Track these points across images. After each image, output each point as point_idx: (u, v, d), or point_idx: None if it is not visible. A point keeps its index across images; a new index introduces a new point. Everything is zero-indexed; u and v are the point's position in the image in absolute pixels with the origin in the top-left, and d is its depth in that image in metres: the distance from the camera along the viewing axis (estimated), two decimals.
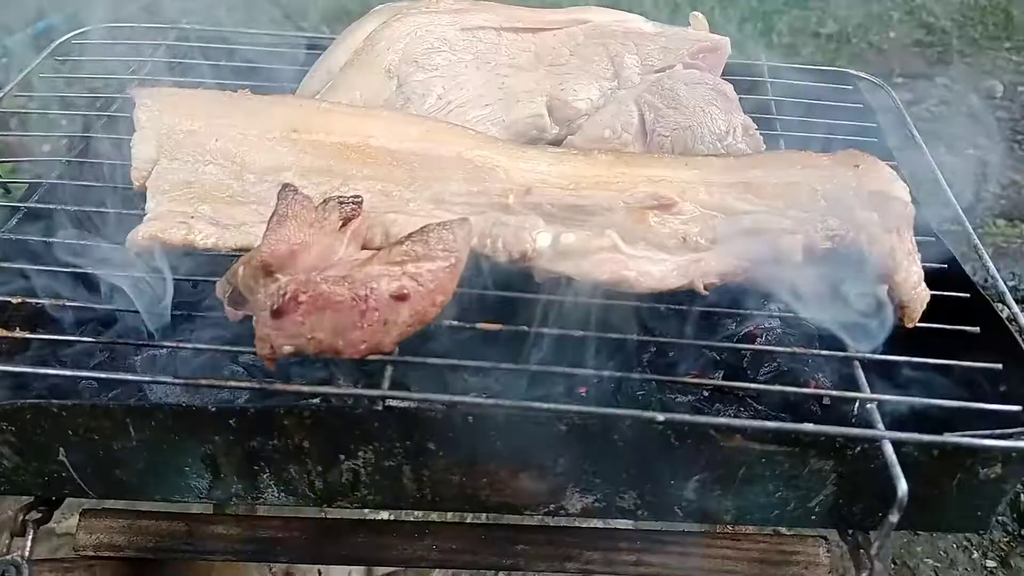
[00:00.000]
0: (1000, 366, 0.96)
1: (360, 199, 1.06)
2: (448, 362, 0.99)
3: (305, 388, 0.93)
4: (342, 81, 1.29)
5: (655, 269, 1.06)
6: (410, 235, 1.01)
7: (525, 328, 1.01)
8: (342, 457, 0.98)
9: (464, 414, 0.92)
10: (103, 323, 1.22)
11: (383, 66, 1.29)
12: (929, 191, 1.27)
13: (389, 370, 0.96)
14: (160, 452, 0.99)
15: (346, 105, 1.22)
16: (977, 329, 1.02)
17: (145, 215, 1.11)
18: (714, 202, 1.09)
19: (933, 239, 1.19)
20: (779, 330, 1.22)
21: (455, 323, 1.01)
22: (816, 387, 1.13)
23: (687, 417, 0.93)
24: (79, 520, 1.23)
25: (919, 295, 0.98)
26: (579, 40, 1.41)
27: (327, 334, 0.93)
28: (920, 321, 1.02)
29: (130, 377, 1.13)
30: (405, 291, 0.96)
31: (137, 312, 1.05)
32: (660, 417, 0.89)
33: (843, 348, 1.02)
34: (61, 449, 0.98)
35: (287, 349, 0.93)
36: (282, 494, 1.03)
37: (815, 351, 1.06)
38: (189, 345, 1.02)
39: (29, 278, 1.11)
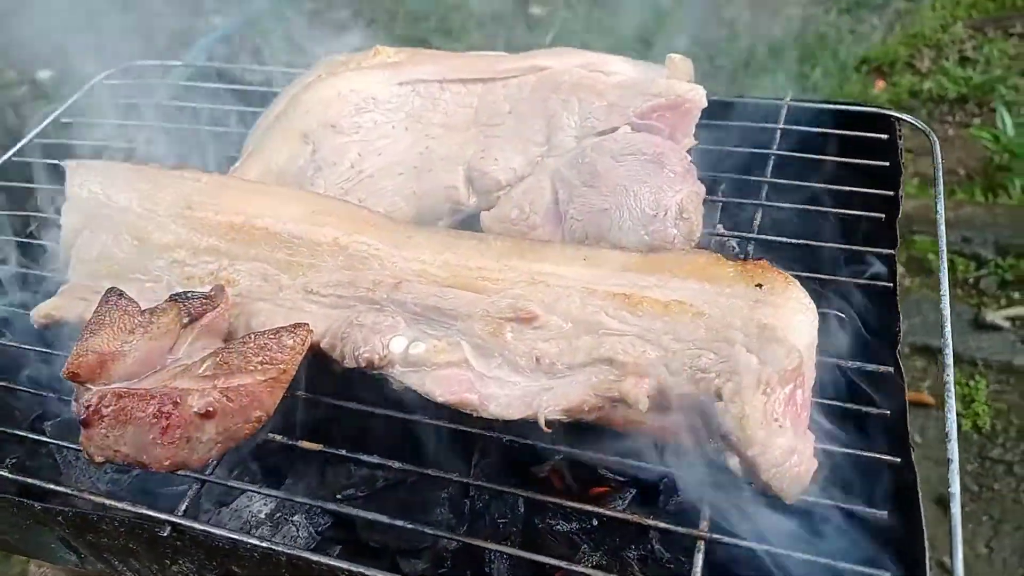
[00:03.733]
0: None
1: (211, 295, 1.03)
2: (252, 488, 0.95)
3: (107, 501, 0.93)
4: (259, 146, 1.26)
5: (502, 394, 0.93)
6: (228, 344, 0.97)
7: (343, 452, 0.94)
8: (167, 562, 0.97)
9: (251, 549, 0.87)
10: None
11: (300, 131, 1.23)
12: None
13: (193, 489, 0.93)
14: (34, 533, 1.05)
15: (240, 180, 1.19)
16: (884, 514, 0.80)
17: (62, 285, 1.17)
18: (585, 316, 0.94)
19: None
20: None
21: (278, 438, 0.96)
22: None
23: None
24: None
25: (785, 472, 0.77)
26: (524, 94, 1.26)
27: (131, 449, 0.92)
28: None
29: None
30: (212, 408, 0.92)
31: None
32: None
33: None
34: None
35: (98, 459, 0.93)
36: None
37: (657, 523, 0.87)
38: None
39: None
